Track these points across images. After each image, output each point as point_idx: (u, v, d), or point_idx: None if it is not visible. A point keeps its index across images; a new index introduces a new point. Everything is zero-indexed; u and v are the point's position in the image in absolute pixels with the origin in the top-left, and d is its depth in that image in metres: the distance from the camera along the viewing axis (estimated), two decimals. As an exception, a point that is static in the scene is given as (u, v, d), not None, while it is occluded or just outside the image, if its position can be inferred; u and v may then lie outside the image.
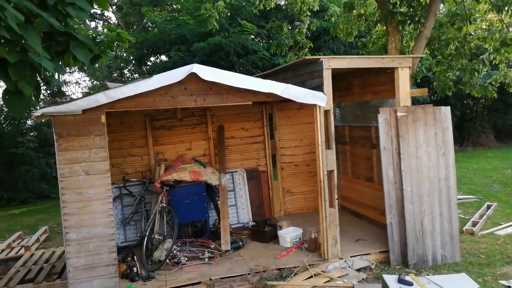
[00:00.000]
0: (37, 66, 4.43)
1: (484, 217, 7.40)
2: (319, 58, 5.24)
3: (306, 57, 5.41)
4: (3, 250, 7.17)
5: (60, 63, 5.11)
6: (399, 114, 5.34)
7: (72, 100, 4.42)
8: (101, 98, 4.38)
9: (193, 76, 4.72)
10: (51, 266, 5.95)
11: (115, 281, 4.65)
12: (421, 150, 5.38)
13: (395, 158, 5.39)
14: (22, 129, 15.07)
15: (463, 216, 7.59)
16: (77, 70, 22.67)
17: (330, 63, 5.24)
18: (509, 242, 6.19)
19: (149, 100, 4.70)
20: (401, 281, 3.83)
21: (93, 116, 4.49)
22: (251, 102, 5.11)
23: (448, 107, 5.52)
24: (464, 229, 6.70)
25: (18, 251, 7.09)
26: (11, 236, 8.12)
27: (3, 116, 14.82)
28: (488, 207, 8.07)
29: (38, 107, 5.25)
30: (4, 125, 14.90)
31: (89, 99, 4.38)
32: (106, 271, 4.60)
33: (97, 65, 22.18)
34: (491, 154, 16.06)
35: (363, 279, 5.03)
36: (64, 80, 18.43)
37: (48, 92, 16.81)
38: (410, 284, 3.77)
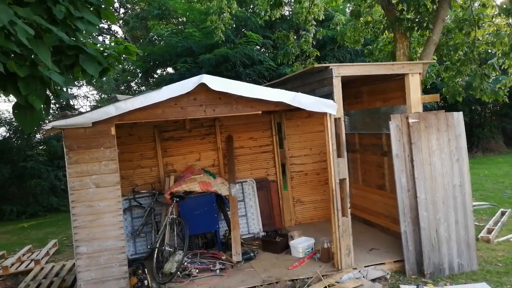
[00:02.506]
0: (47, 80, 4.45)
1: (499, 224, 7.26)
2: (329, 66, 5.21)
3: (316, 65, 5.38)
4: (13, 264, 7.14)
5: (69, 76, 5.15)
6: (411, 120, 5.27)
7: (81, 113, 4.41)
8: (111, 110, 4.37)
9: (202, 86, 4.71)
10: (61, 280, 5.91)
11: (126, 294, 4.59)
12: (435, 157, 5.30)
13: (408, 165, 5.30)
14: (31, 143, 15.18)
15: (477, 223, 7.44)
16: (85, 84, 22.91)
17: (340, 70, 5.21)
18: (527, 250, 6.05)
19: (158, 112, 4.69)
20: (419, 291, 3.73)
21: (103, 128, 4.48)
22: (260, 112, 5.07)
23: (461, 113, 5.45)
24: (479, 236, 6.57)
25: (28, 264, 7.06)
26: (21, 249, 8.10)
27: (12, 130, 14.94)
28: (502, 213, 7.92)
29: (47, 121, 5.25)
30: (13, 139, 15.02)
31: (99, 112, 4.38)
32: (117, 285, 4.55)
33: (104, 78, 22.44)
34: (501, 159, 15.86)
35: (378, 289, 4.92)
36: (73, 93, 18.61)
37: (57, 106, 16.96)
38: (429, 294, 3.67)
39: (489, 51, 8.68)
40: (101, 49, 5.75)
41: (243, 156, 7.43)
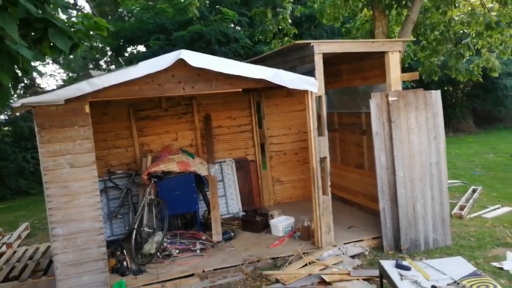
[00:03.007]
0: (15, 54, 4.17)
1: (470, 200, 7.50)
2: (310, 43, 5.12)
3: (297, 42, 5.28)
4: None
5: (37, 51, 4.85)
6: (390, 99, 5.28)
7: (53, 90, 4.18)
8: (85, 86, 4.15)
9: (180, 62, 4.54)
10: (35, 263, 5.72)
11: (104, 276, 4.48)
12: (413, 135, 5.36)
13: (387, 143, 5.34)
14: (-2, 124, 14.54)
15: (450, 201, 7.62)
16: (51, 62, 21.95)
17: (321, 47, 5.13)
18: (497, 225, 6.28)
19: (135, 89, 4.49)
20: (398, 266, 3.79)
21: (77, 106, 4.27)
22: (241, 89, 4.96)
23: (439, 91, 5.51)
24: (452, 213, 6.77)
25: (0, 248, 6.81)
26: (-10, 234, 7.80)
27: (-25, 110, 14.20)
28: (474, 191, 8.19)
29: (14, 100, 4.97)
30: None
31: (72, 88, 4.16)
32: (95, 266, 4.42)
33: (72, 56, 21.57)
34: (471, 139, 16.37)
35: (357, 265, 5.00)
36: (40, 71, 17.80)
37: (21, 85, 16.20)
38: (408, 268, 3.74)
39: (465, 31, 8.79)
40: (70, 24, 5.46)
41: (221, 135, 7.32)
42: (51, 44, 4.71)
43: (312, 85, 5.01)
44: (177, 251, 5.43)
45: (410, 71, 11.49)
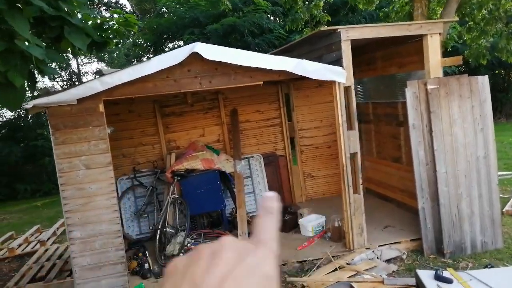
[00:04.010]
0: (28, 54, 4.08)
1: (525, 196, 6.76)
2: (337, 29, 4.69)
3: (323, 28, 4.87)
4: (20, 245, 7.05)
5: (54, 50, 4.77)
6: (429, 87, 4.75)
7: (64, 89, 4.06)
8: (96, 85, 4.00)
9: (196, 56, 4.28)
10: (63, 262, 5.75)
11: (124, 279, 4.36)
12: (456, 127, 4.80)
13: (426, 136, 4.82)
14: (42, 121, 15.11)
15: (502, 195, 6.94)
16: (95, 60, 22.65)
17: (349, 33, 4.69)
18: (557, 224, 5.58)
19: (149, 86, 4.29)
20: (438, 277, 3.34)
21: (90, 105, 4.13)
22: (261, 82, 4.63)
23: (486, 77, 4.89)
24: (504, 210, 6.11)
25: (35, 245, 6.96)
26: (30, 229, 8.03)
27: (21, 109, 14.85)
28: (529, 184, 7.39)
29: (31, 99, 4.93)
30: (23, 118, 14.97)
31: (84, 87, 4.02)
32: (114, 270, 4.31)
33: (116, 53, 22.14)
34: (526, 125, 15.06)
35: (393, 271, 4.56)
36: (84, 71, 18.36)
37: (64, 83, 16.77)
38: (449, 281, 3.28)
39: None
40: (99, 22, 5.34)
41: (249, 130, 7.03)
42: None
43: (339, 75, 4.58)
44: (201, 252, 5.23)
45: (457, 55, 10.65)
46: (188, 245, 5.28)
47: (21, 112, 14.97)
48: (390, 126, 6.42)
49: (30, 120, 15.11)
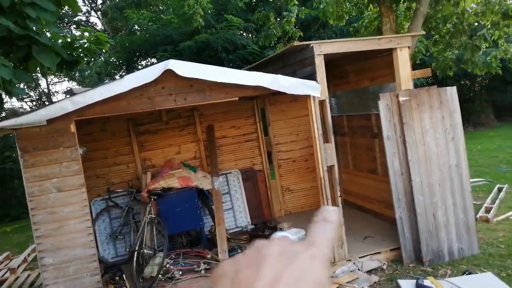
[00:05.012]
0: (-6, 75, 3.95)
1: (497, 201, 6.97)
2: (310, 44, 4.77)
3: (296, 44, 4.93)
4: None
5: (21, 70, 4.63)
6: (401, 98, 4.87)
7: (33, 110, 3.93)
8: (67, 105, 3.89)
9: (170, 73, 4.24)
10: (36, 291, 5.49)
11: (101, 306, 4.19)
12: (428, 136, 4.92)
13: (400, 147, 4.92)
14: (9, 143, 14.58)
15: (474, 202, 7.09)
16: (66, 79, 22.21)
17: (322, 48, 4.77)
18: (528, 228, 5.75)
19: (123, 104, 4.21)
20: (419, 286, 3.37)
21: (61, 126, 4.01)
22: (237, 98, 4.63)
23: (454, 88, 5.07)
24: (477, 216, 6.26)
25: (4, 274, 6.61)
26: (-1, 256, 7.66)
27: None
28: (499, 189, 7.64)
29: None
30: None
31: (53, 108, 3.90)
32: (90, 297, 4.14)
33: (88, 72, 21.79)
34: (492, 133, 15.64)
35: (375, 282, 4.58)
36: (54, 90, 17.96)
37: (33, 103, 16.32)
38: (430, 289, 3.32)
39: (480, 22, 8.27)
40: (68, 41, 5.22)
41: (226, 146, 6.99)
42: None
43: (314, 89, 4.64)
44: (180, 272, 5.11)
45: (424, 67, 11.00)
46: (167, 265, 5.15)
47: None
48: (365, 138, 6.52)
49: (-2, 143, 14.57)
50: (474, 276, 3.75)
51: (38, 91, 19.50)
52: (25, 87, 18.70)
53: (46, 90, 20.08)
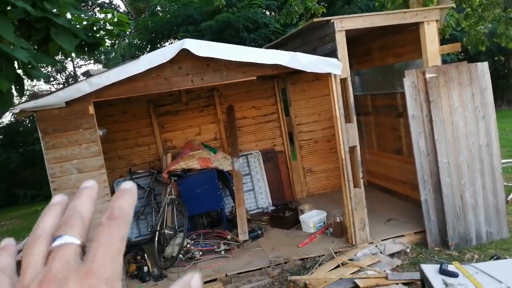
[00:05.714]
0: (13, 58, 3.97)
1: (530, 183, 6.63)
2: (330, 19, 4.56)
3: (316, 20, 4.73)
4: (19, 251, 6.94)
5: (40, 52, 4.64)
6: (428, 75, 4.62)
7: (52, 92, 3.95)
8: (84, 87, 3.88)
9: (186, 53, 4.15)
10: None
11: (122, 284, 4.25)
12: (457, 115, 4.67)
13: (427, 126, 4.70)
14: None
15: (506, 184, 6.82)
16: (92, 62, 22.53)
17: (343, 24, 4.56)
18: None
19: (140, 85, 4.18)
20: (443, 271, 3.23)
21: (80, 107, 4.02)
22: (255, 77, 4.51)
23: (486, 63, 4.76)
24: (508, 199, 5.98)
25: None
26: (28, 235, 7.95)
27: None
28: (533, 171, 7.27)
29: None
30: (19, 123, 14.87)
31: (71, 89, 3.91)
32: (111, 276, 4.20)
33: (113, 54, 22.02)
34: (528, 112, 14.91)
35: (397, 266, 4.46)
36: (80, 73, 18.28)
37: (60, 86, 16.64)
38: (455, 275, 3.17)
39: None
40: (90, 23, 5.20)
41: (246, 127, 6.91)
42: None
43: (335, 66, 4.46)
44: (200, 253, 5.14)
45: (455, 42, 10.49)
46: (188, 245, 5.19)
47: (16, 117, 14.89)
48: (390, 118, 6.30)
49: (29, 124, 15.01)
50: (502, 262, 3.58)
51: (65, 74, 19.87)
52: (52, 69, 19.07)
53: (72, 73, 20.45)
